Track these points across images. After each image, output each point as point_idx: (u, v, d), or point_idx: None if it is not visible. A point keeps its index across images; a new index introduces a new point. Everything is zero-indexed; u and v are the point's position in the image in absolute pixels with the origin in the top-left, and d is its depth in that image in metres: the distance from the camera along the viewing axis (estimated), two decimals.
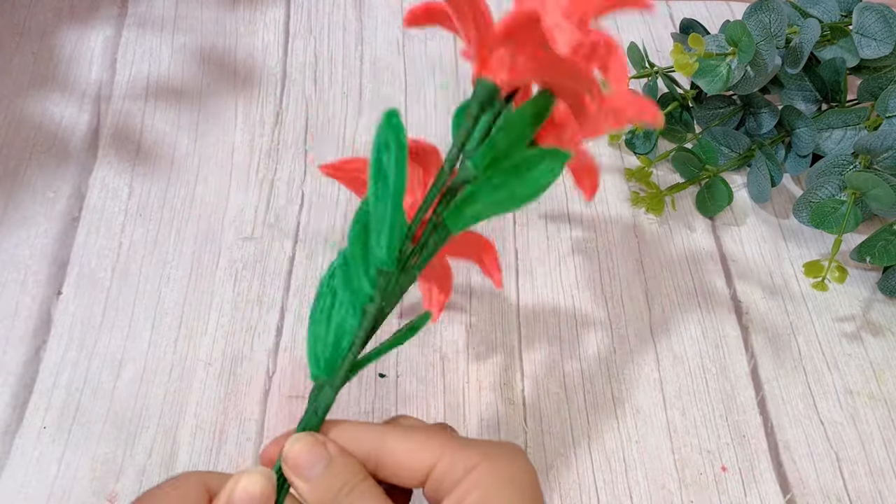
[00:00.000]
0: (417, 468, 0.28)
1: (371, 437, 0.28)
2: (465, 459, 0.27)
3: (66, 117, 0.52)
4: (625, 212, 0.51)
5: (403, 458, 0.28)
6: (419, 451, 0.28)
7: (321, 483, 0.27)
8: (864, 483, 0.41)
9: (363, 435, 0.28)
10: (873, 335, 0.47)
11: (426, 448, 0.28)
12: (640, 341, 0.46)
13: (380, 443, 0.28)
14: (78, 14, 0.58)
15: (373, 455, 0.28)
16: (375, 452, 0.28)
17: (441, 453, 0.28)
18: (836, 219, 0.46)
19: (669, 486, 0.41)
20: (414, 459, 0.28)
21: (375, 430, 0.29)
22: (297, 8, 0.61)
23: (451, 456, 0.28)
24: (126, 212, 0.48)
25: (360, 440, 0.28)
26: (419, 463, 0.28)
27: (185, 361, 0.43)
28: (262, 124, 0.53)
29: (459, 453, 0.28)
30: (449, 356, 0.44)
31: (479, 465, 0.27)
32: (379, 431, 0.29)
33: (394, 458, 0.28)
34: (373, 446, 0.28)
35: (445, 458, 0.28)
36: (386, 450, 0.28)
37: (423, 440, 0.28)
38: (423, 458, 0.28)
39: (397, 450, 0.28)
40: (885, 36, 0.49)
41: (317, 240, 0.48)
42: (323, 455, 0.28)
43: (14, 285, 0.45)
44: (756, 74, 0.49)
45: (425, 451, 0.28)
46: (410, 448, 0.28)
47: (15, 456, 0.39)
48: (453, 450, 0.28)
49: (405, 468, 0.28)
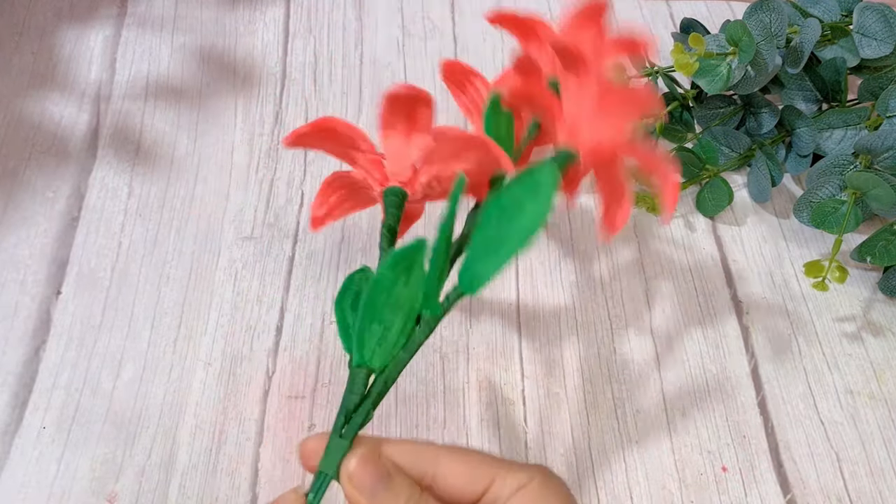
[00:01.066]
0: (472, 489, 0.29)
1: (425, 456, 0.29)
2: (517, 479, 0.29)
3: (66, 117, 0.52)
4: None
5: (458, 478, 0.29)
6: (474, 472, 0.29)
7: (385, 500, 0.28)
8: (864, 483, 0.41)
9: (419, 454, 0.29)
10: (874, 335, 0.47)
11: (481, 468, 0.29)
12: (640, 341, 0.46)
13: (434, 463, 0.29)
14: (77, 14, 0.58)
15: (428, 475, 0.29)
16: (431, 472, 0.29)
17: (496, 473, 0.29)
18: (836, 219, 0.46)
19: (670, 486, 0.40)
20: (470, 480, 0.29)
21: (430, 450, 0.29)
22: (296, 7, 0.60)
23: (505, 476, 0.29)
24: (125, 211, 0.48)
25: (416, 459, 0.29)
26: (474, 484, 0.29)
27: (185, 361, 0.43)
28: (262, 124, 0.53)
29: (513, 473, 0.29)
30: (449, 356, 0.44)
31: (530, 482, 0.28)
32: (433, 451, 0.29)
33: (448, 478, 0.29)
34: (427, 466, 0.29)
35: (500, 478, 0.29)
36: (441, 470, 0.29)
37: (477, 461, 0.29)
38: (479, 478, 0.29)
39: (453, 470, 0.29)
40: (886, 36, 0.49)
41: (317, 240, 0.48)
42: (384, 473, 0.28)
43: (13, 285, 0.45)
44: (756, 74, 0.49)
45: (481, 472, 0.29)
46: (465, 469, 0.29)
47: (14, 456, 0.39)
48: (507, 470, 0.29)
49: (459, 488, 0.29)
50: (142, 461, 0.39)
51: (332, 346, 0.44)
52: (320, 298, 0.46)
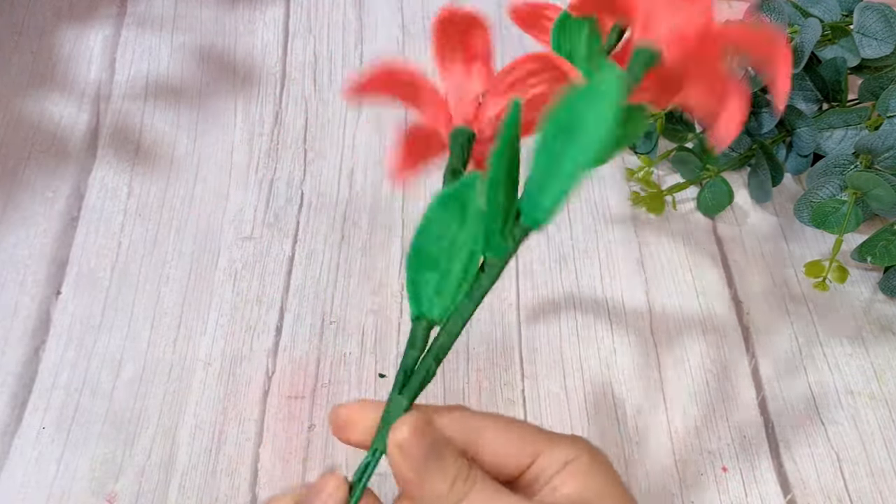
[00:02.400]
0: (516, 463, 0.27)
1: (470, 427, 0.27)
2: (564, 453, 0.27)
3: (66, 117, 0.52)
4: (625, 212, 0.51)
5: (503, 451, 0.27)
6: (520, 445, 0.27)
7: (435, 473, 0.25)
8: (864, 483, 0.41)
9: (462, 424, 0.27)
10: (874, 335, 0.47)
11: (527, 442, 0.27)
12: (641, 341, 0.46)
13: (478, 434, 0.27)
14: (77, 13, 0.58)
15: (471, 446, 0.27)
16: (473, 443, 0.27)
17: (542, 447, 0.27)
18: (836, 219, 0.46)
19: (670, 486, 0.40)
20: (514, 453, 0.27)
21: (475, 420, 0.27)
22: (296, 7, 0.60)
23: (552, 450, 0.27)
24: (125, 211, 0.48)
25: (461, 429, 0.27)
26: (519, 457, 0.27)
27: (185, 361, 0.43)
28: (262, 123, 0.53)
29: (559, 448, 0.27)
30: (449, 356, 0.44)
31: (577, 457, 0.27)
32: (478, 421, 0.27)
33: (493, 450, 0.27)
34: (471, 437, 0.27)
35: (546, 452, 0.27)
36: (485, 442, 0.27)
37: (522, 434, 0.28)
38: (524, 451, 0.27)
39: (498, 442, 0.27)
40: (886, 35, 0.49)
41: (316, 240, 0.48)
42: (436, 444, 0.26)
43: (13, 285, 0.44)
44: (757, 74, 0.49)
45: (526, 445, 0.27)
46: (511, 442, 0.27)
47: (14, 456, 0.39)
48: (553, 444, 0.27)
49: (504, 461, 0.27)
50: (141, 461, 0.39)
51: (332, 346, 0.44)
52: (320, 298, 0.46)
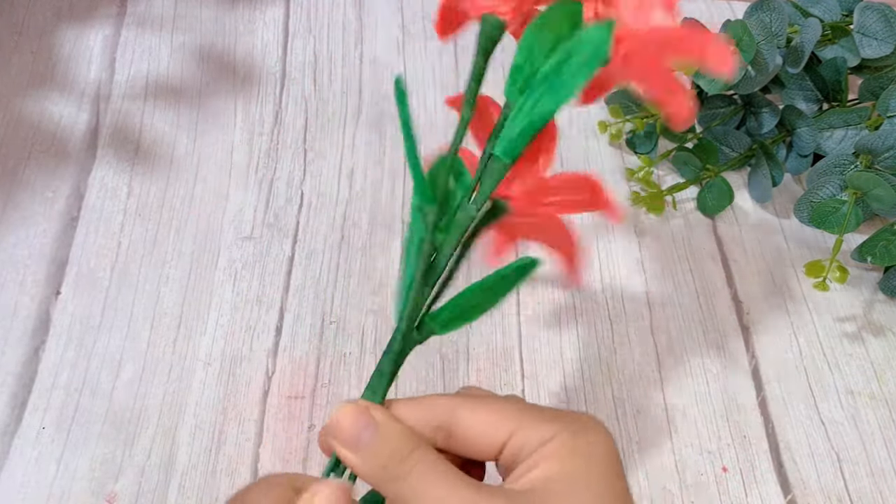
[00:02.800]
0: (491, 441, 0.26)
1: (440, 408, 0.27)
2: (541, 432, 0.26)
3: (65, 117, 0.52)
4: (625, 212, 0.51)
5: (476, 430, 0.26)
6: (493, 422, 0.26)
7: (371, 451, 0.25)
8: (865, 484, 0.41)
9: (431, 406, 0.27)
10: (874, 335, 0.47)
11: (500, 419, 0.26)
12: (640, 341, 0.45)
13: (450, 414, 0.26)
14: (77, 13, 0.58)
15: (444, 427, 0.26)
16: (446, 424, 0.26)
17: (517, 426, 0.26)
18: (837, 219, 0.46)
19: (670, 486, 0.40)
20: (487, 432, 0.26)
21: (445, 401, 0.27)
22: (296, 7, 0.60)
23: (527, 428, 0.26)
24: (125, 211, 0.48)
25: (428, 412, 0.27)
26: (493, 436, 0.26)
27: (185, 361, 0.43)
28: (262, 123, 0.53)
29: (536, 425, 0.26)
30: (449, 356, 0.44)
31: (554, 437, 0.26)
32: (449, 402, 0.27)
33: (466, 430, 0.26)
34: (443, 418, 0.26)
35: (521, 430, 0.26)
36: (457, 421, 0.26)
37: (496, 411, 0.26)
38: (498, 430, 0.26)
39: (469, 421, 0.26)
40: (887, 35, 0.49)
41: (316, 240, 0.48)
42: (369, 421, 0.26)
43: (13, 285, 0.44)
44: (757, 74, 0.49)
45: (500, 423, 0.26)
46: (484, 420, 0.26)
47: (14, 456, 0.39)
48: (530, 421, 0.26)
49: (478, 441, 0.26)
50: (141, 461, 0.39)
51: (332, 346, 0.44)
52: (320, 298, 0.46)
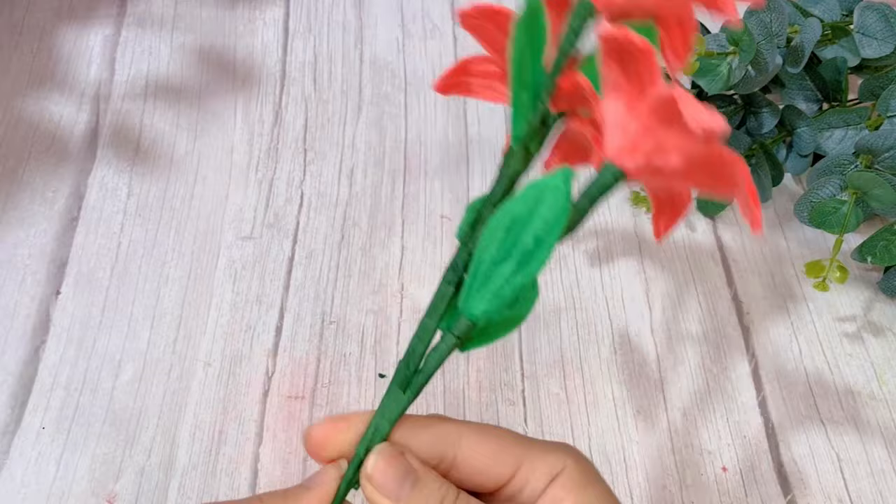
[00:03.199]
0: (496, 474, 0.26)
1: (447, 436, 0.26)
2: (548, 465, 0.26)
3: (65, 117, 0.52)
4: (625, 212, 0.51)
5: (481, 462, 0.26)
6: (499, 456, 0.26)
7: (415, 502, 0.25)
8: (865, 484, 0.41)
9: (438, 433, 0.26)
10: (874, 335, 0.47)
11: (506, 451, 0.26)
12: (641, 341, 0.45)
13: (455, 445, 0.26)
14: (77, 13, 0.58)
15: (448, 457, 0.26)
16: (451, 455, 0.26)
17: (523, 457, 0.26)
18: (837, 219, 0.46)
19: (670, 486, 0.40)
20: (493, 465, 0.26)
21: (451, 429, 0.26)
22: (296, 7, 0.60)
23: (532, 460, 0.26)
24: (125, 211, 0.48)
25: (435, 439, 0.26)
26: (499, 469, 0.26)
27: (185, 361, 0.43)
28: (262, 123, 0.53)
29: (541, 458, 0.26)
30: (449, 356, 0.44)
31: (564, 470, 0.26)
32: (455, 431, 0.26)
33: (471, 461, 0.26)
34: (448, 448, 0.26)
35: (527, 463, 0.26)
36: (462, 452, 0.26)
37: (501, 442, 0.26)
38: (505, 463, 0.26)
39: (475, 453, 0.26)
40: (887, 35, 0.49)
41: (316, 240, 0.48)
42: (409, 471, 0.25)
43: (13, 285, 0.44)
44: (757, 74, 0.49)
45: (506, 455, 0.26)
46: (489, 452, 0.26)
47: (14, 456, 0.39)
48: (534, 455, 0.26)
49: (482, 473, 0.26)
50: (141, 461, 0.39)
51: (332, 346, 0.44)
52: (320, 298, 0.46)
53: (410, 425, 0.26)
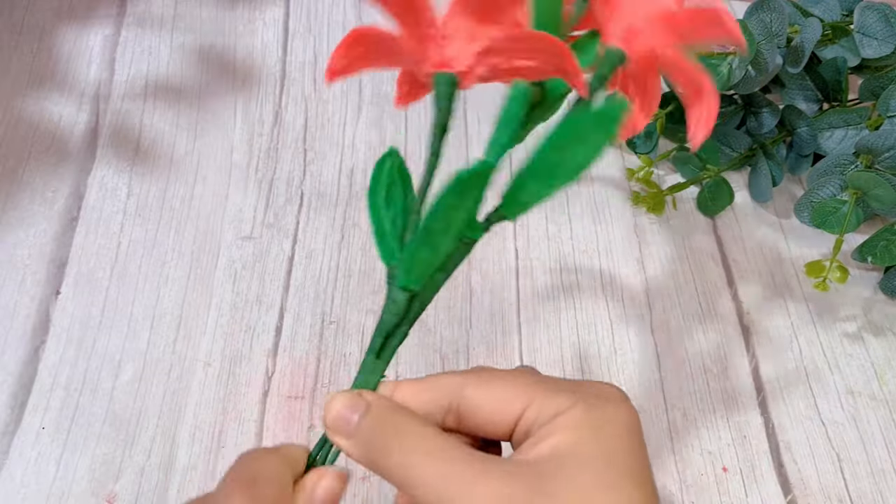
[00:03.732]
0: (503, 418, 0.24)
1: (448, 387, 0.25)
2: (556, 403, 0.24)
3: (65, 117, 0.52)
4: (625, 212, 0.51)
5: (487, 407, 0.25)
6: (505, 398, 0.24)
7: (363, 434, 0.24)
8: (865, 484, 0.41)
9: (438, 386, 0.25)
10: (875, 335, 0.47)
11: (513, 394, 0.24)
12: (641, 341, 0.45)
13: (459, 392, 0.25)
14: (77, 13, 0.58)
15: (453, 408, 0.25)
16: (456, 404, 0.25)
17: (530, 399, 0.24)
18: (837, 219, 0.46)
19: (670, 486, 0.40)
20: (499, 408, 0.24)
21: (452, 379, 0.25)
22: (296, 7, 0.60)
23: (541, 400, 0.24)
24: (125, 211, 0.48)
25: (435, 392, 0.25)
26: (505, 411, 0.24)
27: (184, 362, 0.43)
28: (262, 123, 0.53)
29: (551, 396, 0.24)
30: (449, 356, 0.44)
31: (570, 408, 0.24)
32: (457, 380, 0.25)
33: (476, 408, 0.25)
34: (452, 397, 0.25)
35: (535, 403, 0.24)
36: (467, 400, 0.25)
37: (508, 385, 0.25)
38: (510, 405, 0.24)
39: (479, 399, 0.25)
40: (887, 35, 0.49)
41: (316, 240, 0.48)
42: (359, 404, 0.24)
43: (13, 285, 0.44)
44: (757, 74, 0.49)
45: (512, 398, 0.24)
46: (495, 396, 0.25)
47: (13, 456, 0.39)
48: (544, 393, 0.24)
49: (490, 419, 0.25)
50: (141, 462, 0.39)
51: (332, 346, 0.44)
52: (320, 298, 0.46)
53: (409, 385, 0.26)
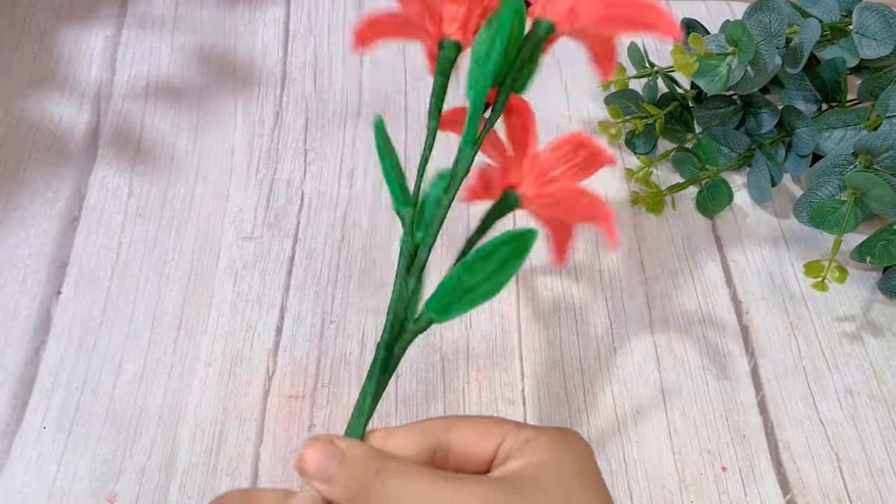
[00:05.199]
0: (484, 451, 0.28)
1: (435, 429, 0.29)
2: (525, 434, 0.28)
3: (66, 117, 0.52)
4: (625, 212, 0.51)
5: (471, 442, 0.28)
6: (484, 434, 0.28)
7: (341, 479, 0.26)
8: (864, 483, 0.41)
9: (426, 429, 0.29)
10: (873, 335, 0.47)
11: (490, 430, 0.28)
12: (640, 341, 0.46)
13: (445, 432, 0.28)
14: (77, 14, 0.58)
15: (442, 444, 0.28)
16: (444, 443, 0.28)
17: (505, 432, 0.28)
18: (836, 219, 0.46)
19: (669, 486, 0.41)
20: (479, 443, 0.28)
21: (438, 422, 0.29)
22: (296, 7, 0.61)
23: (514, 434, 0.28)
24: (126, 211, 0.48)
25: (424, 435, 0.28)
26: (485, 445, 0.28)
27: (185, 361, 0.43)
28: (262, 124, 0.53)
29: (521, 431, 0.28)
30: (449, 356, 0.44)
31: (537, 437, 0.28)
32: (442, 422, 0.29)
33: (462, 443, 0.28)
34: (439, 437, 0.28)
35: (510, 436, 0.28)
36: (453, 436, 0.28)
37: (486, 424, 0.29)
38: (489, 440, 0.28)
39: (463, 436, 0.28)
40: (886, 36, 0.49)
41: (317, 239, 0.48)
42: (334, 452, 0.27)
43: (14, 285, 0.45)
44: (756, 74, 0.49)
45: (490, 433, 0.28)
46: (477, 432, 0.28)
47: (14, 456, 0.39)
48: (516, 429, 0.28)
49: (473, 452, 0.28)
50: (142, 461, 0.39)
51: (332, 345, 0.44)
52: (320, 298, 0.46)
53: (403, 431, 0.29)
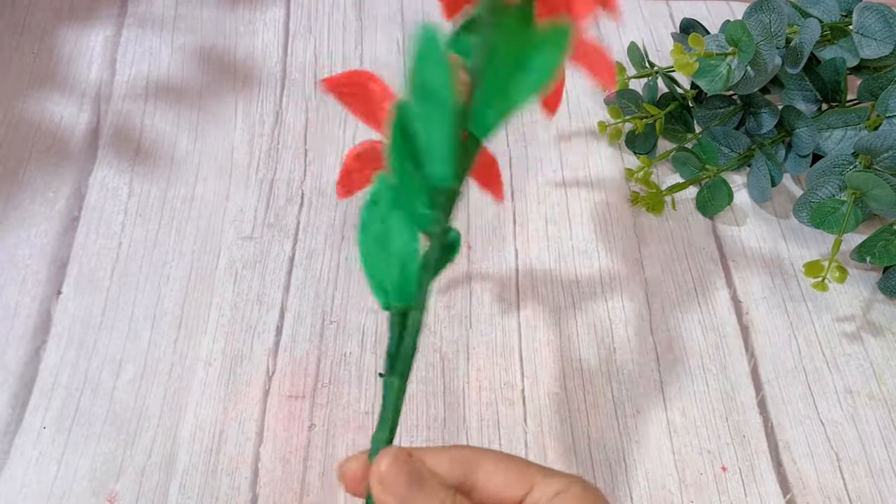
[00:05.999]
0: (511, 494, 0.29)
1: (466, 461, 0.29)
2: (556, 486, 0.29)
3: (66, 117, 0.52)
4: (625, 212, 0.51)
5: (498, 482, 0.29)
6: (516, 477, 0.29)
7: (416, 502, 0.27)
8: (864, 483, 0.41)
9: (457, 459, 0.29)
10: (873, 335, 0.47)
11: (522, 475, 0.29)
12: (640, 341, 0.46)
13: (473, 467, 0.29)
14: (77, 14, 0.58)
15: (469, 480, 0.29)
16: (471, 476, 0.29)
17: (532, 481, 0.29)
18: (836, 219, 0.46)
19: (669, 486, 0.41)
20: (511, 485, 0.29)
21: (467, 454, 0.29)
22: (296, 8, 0.61)
23: (542, 484, 0.29)
24: (126, 211, 0.48)
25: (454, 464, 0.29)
26: (513, 489, 0.29)
27: (185, 361, 0.43)
28: (262, 124, 0.53)
29: (549, 481, 0.29)
30: (449, 356, 0.44)
31: (570, 487, 0.29)
32: (471, 455, 0.29)
33: (489, 484, 0.29)
34: (468, 471, 0.29)
35: (538, 486, 0.29)
36: (483, 474, 0.29)
37: (517, 467, 0.29)
38: (520, 484, 0.29)
39: (492, 475, 0.29)
40: (886, 36, 0.49)
41: (317, 239, 0.48)
42: (416, 474, 0.27)
43: (14, 285, 0.45)
44: (756, 74, 0.49)
45: (521, 478, 0.29)
46: (505, 474, 0.29)
47: (14, 456, 0.39)
48: (543, 478, 0.29)
49: (499, 493, 0.29)
50: (142, 461, 0.39)
51: (333, 345, 0.44)
52: (320, 298, 0.46)
53: (435, 452, 0.29)
